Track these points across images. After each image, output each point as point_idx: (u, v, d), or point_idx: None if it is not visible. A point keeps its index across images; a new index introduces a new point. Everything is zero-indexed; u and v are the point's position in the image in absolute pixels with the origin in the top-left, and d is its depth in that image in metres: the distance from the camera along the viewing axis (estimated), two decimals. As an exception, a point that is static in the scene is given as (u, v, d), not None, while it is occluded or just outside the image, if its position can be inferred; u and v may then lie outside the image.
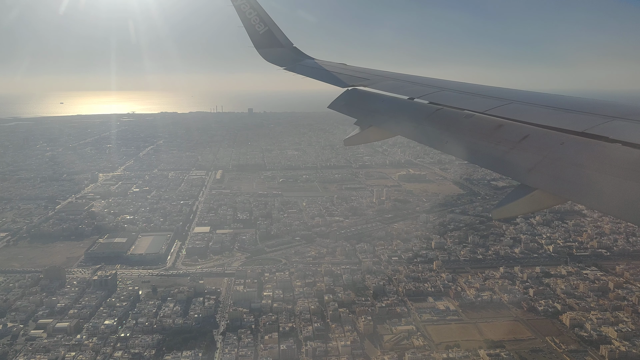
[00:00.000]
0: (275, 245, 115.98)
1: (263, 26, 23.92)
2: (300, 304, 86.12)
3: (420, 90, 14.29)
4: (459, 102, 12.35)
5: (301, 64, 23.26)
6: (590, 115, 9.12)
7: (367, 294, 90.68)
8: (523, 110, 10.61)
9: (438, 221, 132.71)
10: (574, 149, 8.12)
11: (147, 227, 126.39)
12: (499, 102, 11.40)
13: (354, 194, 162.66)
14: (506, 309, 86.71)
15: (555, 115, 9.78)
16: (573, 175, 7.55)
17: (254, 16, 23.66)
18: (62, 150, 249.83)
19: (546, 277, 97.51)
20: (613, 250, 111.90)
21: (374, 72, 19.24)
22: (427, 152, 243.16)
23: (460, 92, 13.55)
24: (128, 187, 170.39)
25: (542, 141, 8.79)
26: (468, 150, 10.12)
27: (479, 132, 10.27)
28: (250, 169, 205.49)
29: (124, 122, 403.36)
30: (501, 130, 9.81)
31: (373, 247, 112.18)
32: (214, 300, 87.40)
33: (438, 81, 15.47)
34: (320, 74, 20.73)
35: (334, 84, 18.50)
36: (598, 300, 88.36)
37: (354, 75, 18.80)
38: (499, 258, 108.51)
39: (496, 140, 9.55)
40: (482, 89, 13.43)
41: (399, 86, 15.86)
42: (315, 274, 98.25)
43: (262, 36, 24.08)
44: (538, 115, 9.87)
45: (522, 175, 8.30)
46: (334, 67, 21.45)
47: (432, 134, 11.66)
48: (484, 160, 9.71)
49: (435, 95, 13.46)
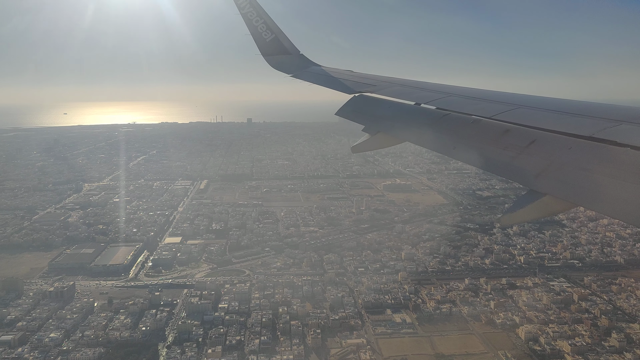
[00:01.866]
0: (243, 256, 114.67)
1: (270, 34, 24.04)
2: (254, 316, 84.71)
3: (427, 96, 14.26)
4: (466, 107, 12.26)
5: (308, 70, 23.25)
6: (597, 120, 9.02)
7: (325, 306, 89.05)
8: (530, 115, 10.58)
9: (414, 231, 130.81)
10: (582, 153, 7.97)
11: (117, 238, 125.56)
12: (506, 107, 11.32)
13: (335, 204, 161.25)
14: (465, 321, 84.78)
15: (562, 119, 9.69)
16: (582, 180, 7.46)
17: (260, 24, 23.77)
18: (53, 161, 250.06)
19: (511, 289, 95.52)
20: (585, 261, 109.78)
21: (381, 78, 19.14)
22: (418, 162, 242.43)
23: (467, 97, 13.50)
24: (110, 198, 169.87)
25: (549, 146, 8.70)
26: (475, 156, 10.02)
27: (486, 137, 10.27)
28: (237, 179, 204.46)
29: (123, 132, 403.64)
30: (508, 135, 9.77)
31: (341, 258, 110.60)
32: (167, 313, 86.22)
33: (445, 87, 15.46)
34: (326, 80, 20.69)
35: (341, 90, 18.41)
36: (559, 312, 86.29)
37: (361, 82, 18.75)
38: (467, 269, 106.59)
39: (503, 145, 9.51)
40: (489, 94, 13.41)
41: (406, 92, 15.77)
42: (276, 285, 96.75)
43: (269, 44, 24.20)
44: (545, 120, 9.81)
45: (530, 180, 8.19)
46: (340, 74, 21.39)
47: (439, 139, 11.62)
48: (491, 165, 9.56)
49: (442, 100, 13.47)
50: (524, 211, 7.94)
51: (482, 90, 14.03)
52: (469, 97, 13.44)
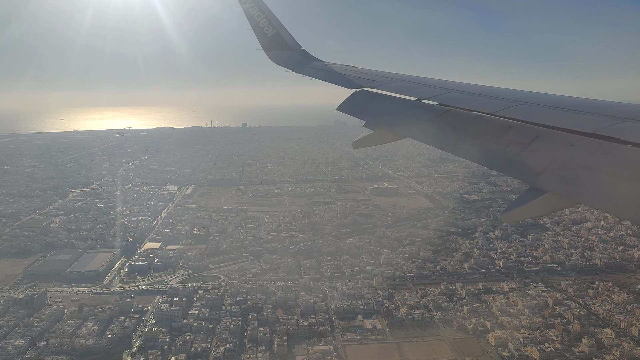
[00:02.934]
0: (221, 261, 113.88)
1: (271, 29, 24.06)
2: (223, 322, 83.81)
3: (429, 92, 14.20)
4: (467, 103, 12.21)
5: (309, 66, 23.18)
6: (600, 117, 8.95)
7: (297, 312, 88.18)
8: (532, 111, 10.46)
9: (395, 236, 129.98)
10: (585, 150, 7.94)
11: (96, 244, 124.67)
12: (508, 103, 11.26)
13: (320, 209, 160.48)
14: (436, 327, 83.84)
15: (565, 116, 9.61)
16: (584, 178, 7.42)
17: (262, 19, 23.79)
18: (44, 166, 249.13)
19: (487, 294, 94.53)
20: (565, 265, 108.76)
21: (382, 73, 19.03)
22: (408, 165, 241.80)
23: (469, 93, 13.46)
24: (95, 203, 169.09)
25: (551, 143, 8.65)
26: (477, 152, 9.99)
27: (488, 133, 10.22)
28: (225, 184, 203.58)
29: (117, 137, 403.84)
30: (510, 131, 9.72)
31: (318, 263, 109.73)
32: (136, 320, 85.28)
33: (446, 82, 15.37)
34: (328, 75, 20.65)
35: (342, 85, 18.36)
36: (533, 318, 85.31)
37: (362, 77, 18.70)
38: (445, 274, 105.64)
39: (505, 142, 9.46)
40: (491, 90, 13.34)
41: (408, 87, 15.70)
42: (250, 291, 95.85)
43: (270, 39, 24.22)
44: (547, 117, 9.75)
45: (532, 177, 8.15)
46: (342, 69, 21.37)
47: (441, 135, 11.59)
48: (493, 162, 9.55)
49: (443, 96, 13.37)
50: (525, 208, 7.87)
51: (484, 87, 14.00)
52: (471, 93, 13.43)
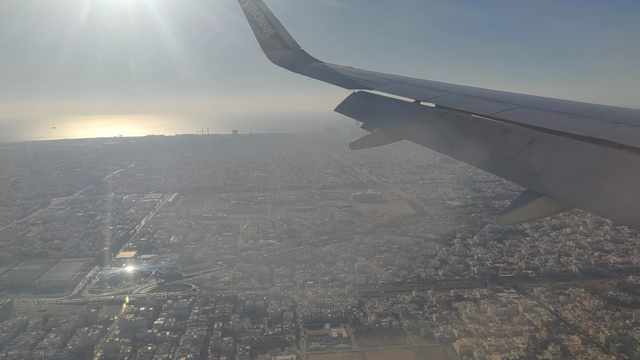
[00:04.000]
0: (194, 270, 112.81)
1: (270, 29, 24.02)
2: (188, 332, 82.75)
3: (427, 94, 14.27)
4: (465, 105, 12.19)
5: (308, 66, 23.16)
6: (596, 121, 8.98)
7: (264, 321, 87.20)
8: (529, 114, 10.47)
9: (372, 243, 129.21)
10: (581, 153, 7.95)
11: (70, 253, 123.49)
12: (505, 106, 11.27)
13: (301, 216, 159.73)
14: (403, 335, 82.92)
15: (562, 119, 9.61)
16: (579, 181, 7.42)
17: (261, 18, 23.70)
18: (29, 175, 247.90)
19: (458, 301, 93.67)
20: (540, 271, 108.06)
21: (381, 75, 19.06)
22: (395, 172, 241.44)
23: (467, 95, 13.48)
24: (75, 212, 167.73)
25: (548, 146, 8.66)
26: (474, 155, 9.99)
27: (485, 136, 10.23)
28: (208, 191, 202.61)
29: (106, 145, 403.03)
30: (507, 134, 9.74)
31: (292, 271, 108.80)
32: (100, 330, 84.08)
33: (444, 85, 15.46)
34: (326, 75, 20.59)
35: (341, 85, 18.32)
36: (501, 325, 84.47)
37: (361, 78, 18.65)
38: (418, 281, 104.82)
39: (502, 144, 9.48)
40: (488, 93, 13.32)
41: (406, 89, 15.64)
42: (219, 300, 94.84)
43: (269, 39, 24.20)
44: (544, 120, 9.73)
45: (528, 180, 8.15)
46: (340, 69, 21.37)
47: (438, 137, 11.60)
48: (490, 165, 9.49)
49: (441, 98, 13.38)
50: (521, 211, 7.86)
51: (482, 89, 13.98)
52: (469, 95, 13.46)
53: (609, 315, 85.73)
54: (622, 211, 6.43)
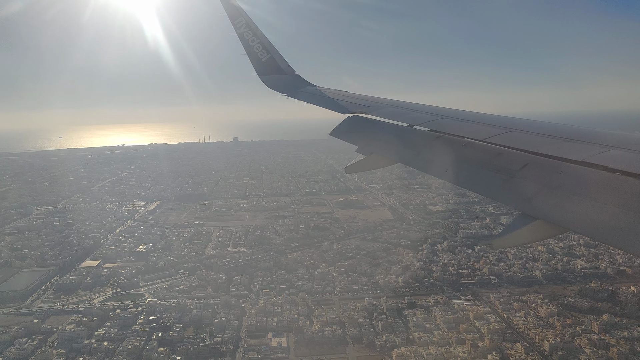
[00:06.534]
0: (154, 278, 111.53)
1: (265, 54, 24.30)
2: (125, 343, 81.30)
3: (421, 118, 14.40)
4: (458, 129, 12.26)
5: (302, 90, 23.35)
6: (589, 145, 9.06)
7: (207, 330, 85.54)
8: (522, 138, 10.56)
9: (340, 249, 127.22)
10: (574, 178, 7.97)
11: (34, 262, 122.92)
12: (498, 130, 11.36)
13: (278, 222, 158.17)
14: (345, 344, 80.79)
15: (555, 143, 9.65)
16: (572, 205, 7.37)
17: (256, 44, 24.01)
18: (20, 185, 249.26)
19: (409, 308, 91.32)
20: (502, 277, 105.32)
21: (375, 99, 19.15)
22: (384, 178, 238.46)
23: (460, 119, 13.55)
24: (53, 221, 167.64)
25: (541, 170, 8.64)
26: (467, 179, 9.97)
27: (479, 160, 10.22)
28: (193, 199, 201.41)
29: (107, 154, 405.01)
30: (500, 158, 9.74)
31: (250, 279, 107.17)
32: (39, 341, 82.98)
33: (438, 109, 15.55)
34: (321, 100, 20.78)
35: (335, 110, 18.40)
36: (448, 332, 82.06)
37: (355, 102, 18.80)
38: (376, 288, 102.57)
39: (495, 168, 9.46)
40: (482, 116, 13.45)
41: (400, 113, 15.75)
42: (167, 309, 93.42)
43: (264, 64, 24.44)
44: (537, 144, 9.77)
45: (522, 204, 8.10)
46: (335, 94, 21.61)
47: (431, 161, 11.61)
48: (483, 188, 9.43)
49: (435, 122, 13.50)
50: (516, 235, 7.75)
51: (475, 113, 14.09)
52: (462, 119, 13.52)
53: (560, 322, 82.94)
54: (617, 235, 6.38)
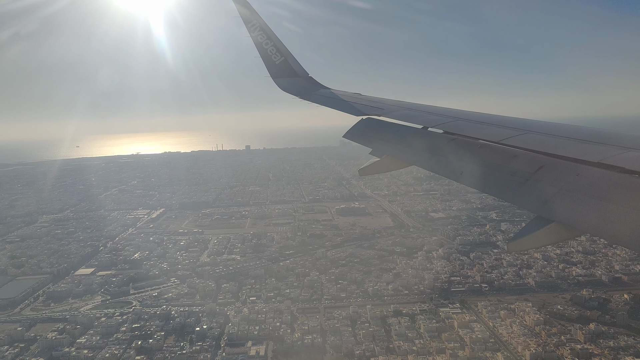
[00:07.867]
0: (144, 286, 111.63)
1: (279, 56, 24.32)
2: (103, 351, 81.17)
3: (435, 120, 14.28)
4: (473, 131, 12.21)
5: (316, 93, 23.32)
6: (605, 146, 8.96)
7: (188, 339, 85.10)
8: (538, 140, 10.49)
9: (334, 257, 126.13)
10: (590, 180, 7.88)
11: (30, 270, 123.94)
12: (514, 132, 11.30)
13: (276, 230, 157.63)
14: (323, 353, 79.66)
15: (571, 145, 9.56)
16: (589, 208, 7.30)
17: (270, 47, 24.06)
18: (30, 193, 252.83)
19: (395, 317, 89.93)
20: (494, 285, 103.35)
21: (388, 101, 19.20)
22: (390, 184, 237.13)
23: (475, 121, 13.49)
24: (54, 229, 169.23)
25: (557, 172, 8.59)
26: (483, 181, 9.95)
27: (494, 162, 10.15)
28: (196, 207, 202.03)
29: (120, 163, 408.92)
30: (516, 160, 9.70)
31: (239, 287, 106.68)
32: (21, 349, 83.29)
33: (452, 111, 15.51)
34: (335, 102, 20.78)
35: (349, 112, 18.40)
36: (430, 342, 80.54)
37: (369, 105, 18.76)
38: (364, 295, 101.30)
39: (511, 171, 9.41)
40: (497, 118, 13.37)
41: (413, 115, 15.75)
42: (152, 317, 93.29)
43: (278, 66, 24.47)
44: (553, 146, 9.70)
45: (538, 206, 8.08)
46: (348, 96, 21.56)
47: (446, 164, 11.59)
48: (499, 191, 9.48)
49: (449, 124, 13.42)
50: (531, 238, 7.76)
51: (490, 115, 14.01)
52: (477, 121, 13.44)
53: (545, 331, 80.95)
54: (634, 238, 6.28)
